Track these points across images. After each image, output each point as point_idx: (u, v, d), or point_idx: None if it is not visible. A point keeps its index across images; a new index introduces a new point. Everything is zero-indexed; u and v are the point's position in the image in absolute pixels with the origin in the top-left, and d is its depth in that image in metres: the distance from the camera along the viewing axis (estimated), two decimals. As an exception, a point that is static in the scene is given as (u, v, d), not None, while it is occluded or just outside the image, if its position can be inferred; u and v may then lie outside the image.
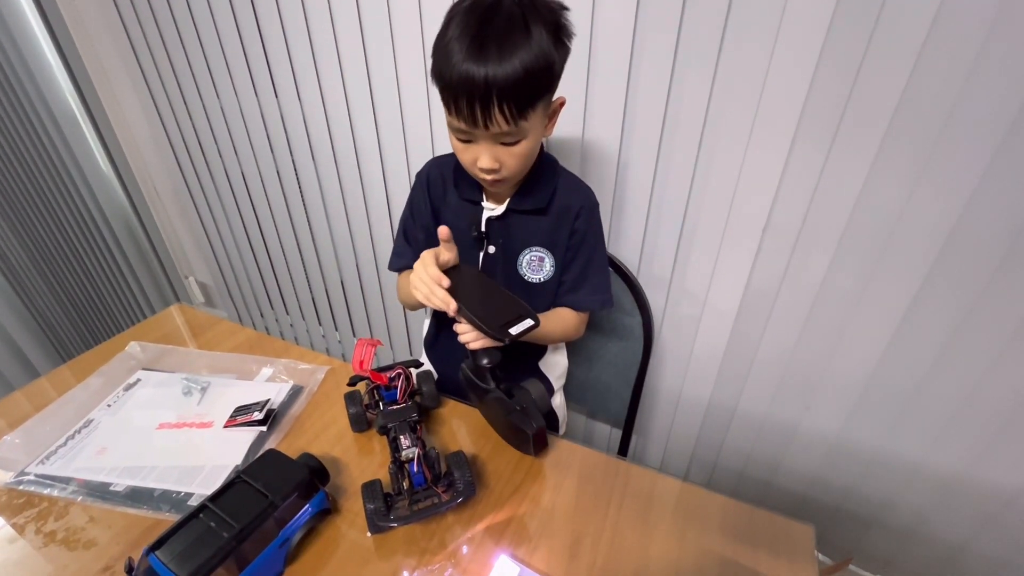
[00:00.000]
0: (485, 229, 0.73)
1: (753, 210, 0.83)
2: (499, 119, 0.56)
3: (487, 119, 0.56)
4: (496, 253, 0.74)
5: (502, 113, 0.55)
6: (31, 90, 1.39)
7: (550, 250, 0.74)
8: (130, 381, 0.77)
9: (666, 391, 1.09)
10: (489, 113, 0.55)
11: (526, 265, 0.75)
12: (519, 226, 0.73)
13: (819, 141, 0.74)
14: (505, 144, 0.60)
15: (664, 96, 0.80)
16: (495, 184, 0.66)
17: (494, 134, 0.58)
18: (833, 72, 0.69)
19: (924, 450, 0.88)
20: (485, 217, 0.73)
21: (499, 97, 0.54)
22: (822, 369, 0.90)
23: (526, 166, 0.65)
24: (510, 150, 0.61)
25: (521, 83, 0.54)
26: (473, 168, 0.64)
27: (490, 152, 0.60)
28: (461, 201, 0.75)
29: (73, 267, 1.57)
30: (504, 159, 0.61)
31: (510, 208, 0.72)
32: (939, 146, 0.68)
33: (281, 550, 0.52)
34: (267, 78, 1.21)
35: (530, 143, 0.61)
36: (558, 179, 0.73)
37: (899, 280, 0.78)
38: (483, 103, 0.55)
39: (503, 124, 0.57)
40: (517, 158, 0.62)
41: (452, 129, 0.61)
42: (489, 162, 0.61)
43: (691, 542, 0.56)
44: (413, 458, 0.56)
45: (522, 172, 0.66)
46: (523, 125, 0.58)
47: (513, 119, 0.56)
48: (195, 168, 1.53)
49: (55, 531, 0.57)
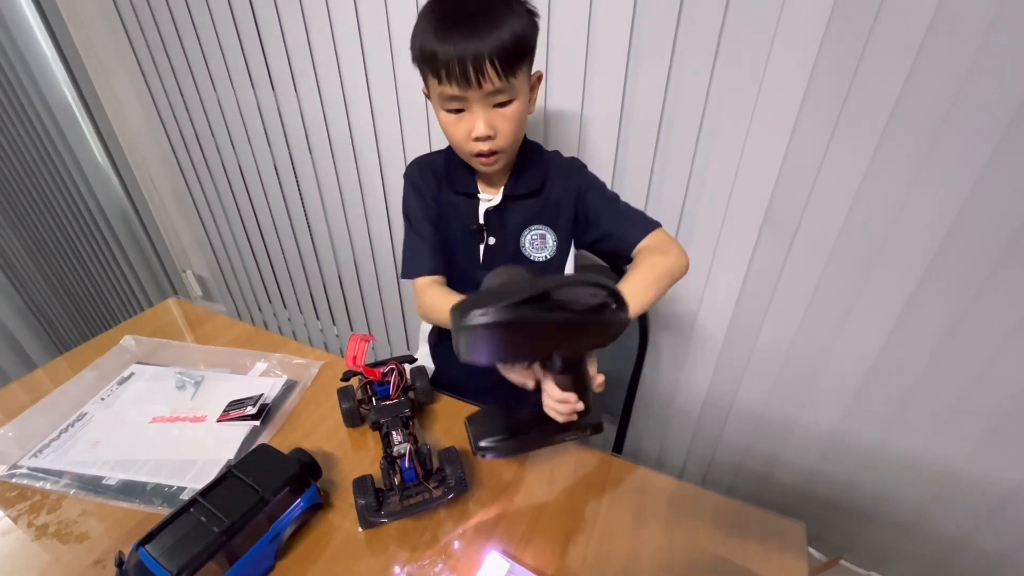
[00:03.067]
0: (484, 221, 0.73)
1: (751, 204, 0.82)
2: (491, 74, 0.57)
3: (480, 74, 0.57)
4: (496, 244, 0.74)
5: (494, 67, 0.57)
6: (27, 83, 1.38)
7: (551, 227, 0.74)
8: (124, 375, 0.77)
9: (662, 387, 1.09)
10: (481, 69, 0.57)
11: (529, 244, 0.74)
12: (517, 211, 0.73)
13: (819, 134, 0.73)
14: (499, 106, 0.61)
15: (663, 87, 0.80)
16: (490, 161, 0.66)
17: (487, 93, 0.59)
18: (833, 64, 0.69)
19: (923, 444, 0.88)
20: (484, 209, 0.73)
21: (490, 53, 0.56)
22: (820, 363, 0.90)
23: (518, 136, 0.67)
24: (503, 113, 0.62)
25: (508, 40, 0.57)
26: (467, 143, 0.64)
27: (484, 117, 0.61)
28: (456, 196, 0.74)
29: (70, 260, 1.57)
30: (498, 124, 0.62)
31: (507, 195, 0.72)
32: (939, 141, 0.67)
33: (272, 545, 0.52)
34: (264, 71, 1.20)
35: (520, 106, 0.63)
36: (545, 160, 0.74)
37: (898, 275, 0.77)
38: (475, 60, 0.57)
39: (496, 80, 0.58)
40: (510, 121, 0.63)
41: (443, 100, 0.62)
42: (484, 128, 0.61)
43: (682, 539, 0.55)
44: (405, 454, 0.56)
45: (515, 143, 0.67)
46: (513, 83, 0.60)
47: (504, 75, 0.58)
48: (192, 161, 1.52)
49: (48, 524, 0.57)
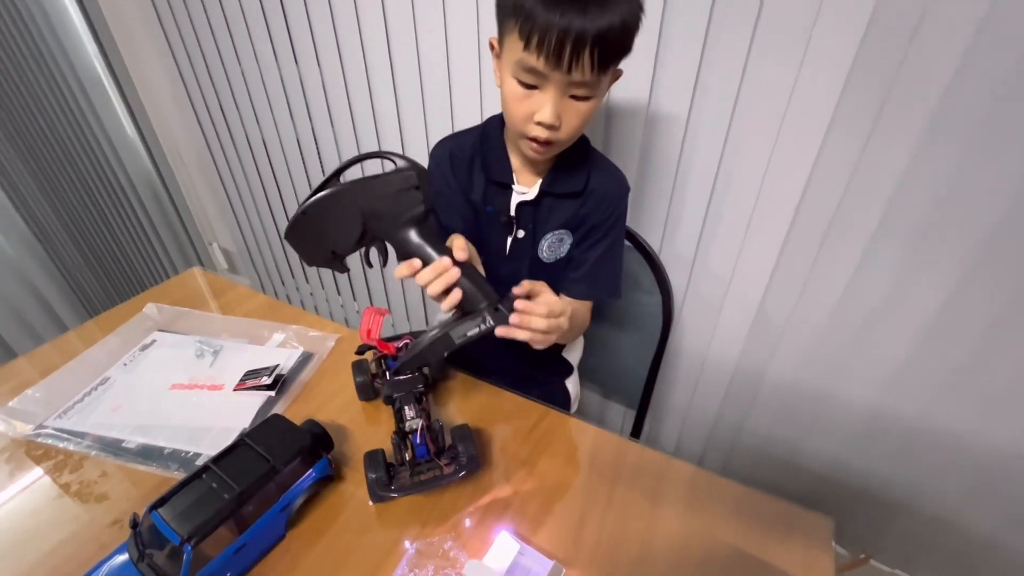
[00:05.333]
0: (515, 214, 0.70)
1: (785, 189, 0.78)
2: (585, 64, 0.52)
3: (573, 61, 0.52)
4: (525, 237, 0.71)
5: (591, 57, 0.52)
6: (60, 58, 1.40)
7: (572, 231, 0.71)
8: (146, 342, 0.78)
9: (684, 372, 1.06)
10: (578, 55, 0.51)
11: (546, 248, 0.71)
12: (552, 210, 0.69)
13: (863, 116, 0.68)
14: (574, 98, 0.56)
15: (696, 59, 0.75)
16: (541, 150, 0.61)
17: (571, 82, 0.54)
18: (883, 38, 0.63)
19: (965, 431, 0.82)
20: (516, 202, 0.69)
21: (594, 38, 0.51)
22: (857, 344, 0.84)
23: (579, 133, 0.62)
24: (576, 107, 0.57)
25: (617, 32, 0.52)
26: (526, 124, 0.59)
27: (556, 104, 0.56)
28: (489, 184, 0.70)
29: (101, 230, 1.61)
30: (567, 116, 0.57)
31: (543, 191, 0.68)
32: (992, 123, 0.62)
33: (283, 514, 0.52)
34: (287, 43, 1.18)
35: (595, 105, 0.58)
36: (591, 160, 0.69)
37: (947, 263, 0.72)
38: (576, 44, 0.51)
39: (587, 71, 0.53)
40: (580, 118, 0.58)
41: (518, 69, 0.55)
42: (552, 116, 0.56)
43: (699, 530, 0.53)
44: (416, 429, 0.55)
45: (572, 140, 0.62)
46: (601, 79, 0.55)
47: (597, 68, 0.53)
48: (218, 135, 1.53)
49: (70, 483, 0.59)
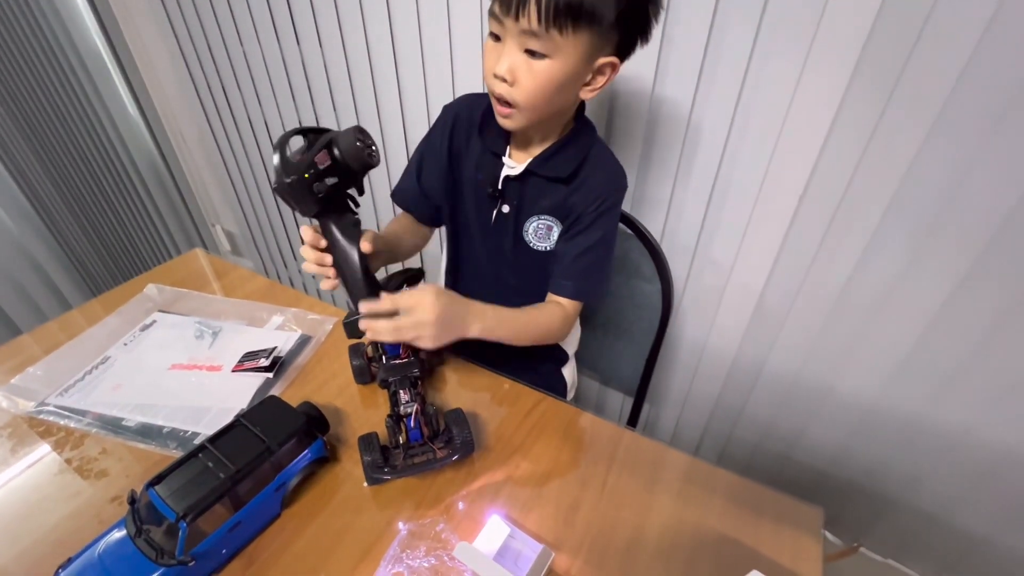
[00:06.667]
0: (502, 187, 0.69)
1: (791, 174, 0.76)
2: (532, 10, 0.51)
3: (520, 6, 0.52)
4: (509, 213, 0.71)
5: (538, 5, 0.51)
6: (61, 36, 1.39)
7: (560, 220, 0.70)
8: (146, 322, 0.79)
9: (683, 361, 1.06)
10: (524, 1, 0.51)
11: (532, 232, 0.71)
12: (537, 190, 0.69)
13: (868, 108, 0.67)
14: (531, 54, 0.55)
15: (702, 46, 0.73)
16: (503, 111, 0.60)
17: (522, 31, 0.53)
18: (892, 30, 0.61)
19: (962, 426, 0.82)
20: (504, 175, 0.69)
21: None
22: (857, 338, 0.84)
23: (543, 102, 0.59)
24: (531, 64, 0.55)
25: None
26: (488, 76, 0.59)
27: (510, 57, 0.56)
28: (483, 151, 0.70)
29: (103, 209, 1.61)
30: (520, 74, 0.56)
31: (529, 169, 0.67)
32: (1009, 114, 0.60)
33: (278, 493, 0.52)
34: (288, 21, 1.17)
35: (554, 69, 0.55)
36: (591, 150, 0.67)
37: (950, 259, 0.71)
38: None
39: (534, 19, 0.52)
40: (535, 78, 0.56)
41: (490, 19, 0.57)
42: (502, 67, 0.56)
43: (692, 517, 0.54)
44: (411, 413, 0.55)
45: (537, 108, 0.59)
46: (555, 39, 0.53)
47: (546, 20, 0.51)
48: (220, 117, 1.52)
49: (71, 459, 0.60)
